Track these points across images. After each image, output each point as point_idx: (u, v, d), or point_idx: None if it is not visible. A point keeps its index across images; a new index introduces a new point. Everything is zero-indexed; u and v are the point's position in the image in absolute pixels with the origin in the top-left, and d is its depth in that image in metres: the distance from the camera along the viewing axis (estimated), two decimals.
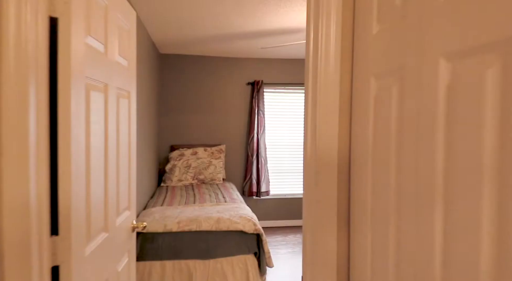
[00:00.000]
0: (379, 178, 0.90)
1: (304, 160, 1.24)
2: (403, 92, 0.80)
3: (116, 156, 1.44)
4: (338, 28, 1.12)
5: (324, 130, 1.11)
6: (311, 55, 1.20)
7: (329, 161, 1.10)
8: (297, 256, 3.89)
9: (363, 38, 1.02)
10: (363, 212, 0.99)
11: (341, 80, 1.11)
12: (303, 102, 4.90)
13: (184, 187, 3.98)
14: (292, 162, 4.97)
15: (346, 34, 1.13)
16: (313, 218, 1.16)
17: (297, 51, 4.37)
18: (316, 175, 1.13)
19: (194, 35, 3.68)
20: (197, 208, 2.94)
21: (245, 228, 2.63)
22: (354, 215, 1.06)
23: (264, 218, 4.85)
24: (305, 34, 1.28)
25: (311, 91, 1.17)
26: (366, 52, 0.99)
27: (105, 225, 1.35)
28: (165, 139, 4.58)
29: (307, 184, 1.21)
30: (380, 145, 0.89)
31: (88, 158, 1.15)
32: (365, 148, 0.97)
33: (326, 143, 1.11)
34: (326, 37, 1.13)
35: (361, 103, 1.01)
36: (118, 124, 1.45)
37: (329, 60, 1.12)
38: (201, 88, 4.64)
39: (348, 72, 1.11)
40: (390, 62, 0.85)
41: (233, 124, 4.74)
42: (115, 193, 1.44)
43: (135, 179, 1.78)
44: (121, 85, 1.50)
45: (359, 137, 1.02)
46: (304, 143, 1.24)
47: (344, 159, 1.10)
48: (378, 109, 0.91)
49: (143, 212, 2.87)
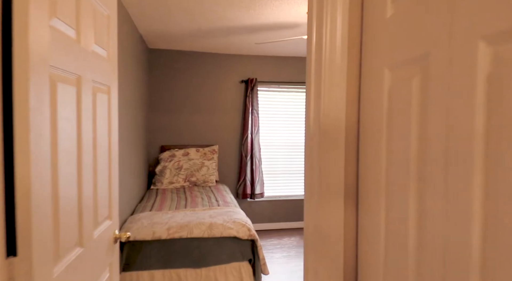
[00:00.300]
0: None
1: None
2: (426, 84, 0.64)
3: (93, 159, 1.26)
4: (345, 11, 0.96)
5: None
6: (313, 45, 1.04)
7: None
8: (293, 260, 3.73)
9: (374, 22, 0.86)
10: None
11: (348, 72, 0.95)
12: (298, 101, 4.75)
13: (175, 190, 3.79)
14: (287, 163, 4.82)
15: (354, 18, 0.97)
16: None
17: (293, 48, 4.21)
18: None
19: (185, 29, 3.50)
20: (189, 213, 2.76)
21: (239, 234, 2.47)
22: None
23: (258, 220, 4.69)
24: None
25: (314, 88, 1.01)
26: (378, 39, 0.83)
27: (79, 239, 1.17)
28: (154, 139, 4.38)
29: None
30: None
31: (55, 162, 0.98)
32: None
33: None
34: (331, 23, 0.97)
35: (372, 97, 0.85)
36: (95, 122, 1.28)
37: (335, 50, 0.96)
38: (193, 85, 4.46)
39: (356, 64, 0.95)
40: (409, 50, 0.70)
41: (226, 124, 4.56)
42: (92, 201, 1.27)
43: (117, 184, 1.60)
44: (99, 78, 1.32)
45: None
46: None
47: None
48: (394, 104, 0.75)
49: (131, 218, 2.68)
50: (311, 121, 1.00)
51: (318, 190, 0.98)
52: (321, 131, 0.93)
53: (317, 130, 0.96)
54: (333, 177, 0.94)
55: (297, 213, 4.82)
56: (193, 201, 3.26)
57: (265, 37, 3.63)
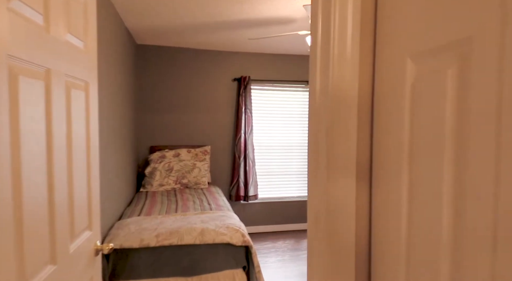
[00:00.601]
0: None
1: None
2: (467, 77, 0.52)
3: (67, 163, 1.12)
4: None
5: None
6: (319, 33, 0.91)
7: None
8: (288, 264, 3.61)
9: (392, 1, 0.73)
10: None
11: (360, 65, 0.82)
12: (292, 100, 4.63)
13: (166, 193, 3.64)
14: (281, 163, 4.70)
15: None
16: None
17: (288, 45, 4.09)
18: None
19: (175, 24, 3.35)
20: (179, 217, 2.61)
21: (233, 240, 2.33)
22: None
23: (252, 223, 4.56)
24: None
25: (320, 88, 0.87)
26: (398, 23, 0.70)
27: (51, 255, 1.03)
28: (144, 140, 4.21)
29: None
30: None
31: (17, 168, 0.83)
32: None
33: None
34: (340, 4, 0.84)
35: (390, 94, 0.73)
36: (70, 121, 1.13)
37: (345, 38, 0.82)
38: (184, 83, 4.30)
39: (369, 56, 0.81)
40: (440, 35, 0.57)
41: (218, 123, 4.42)
42: (67, 211, 1.12)
43: (98, 190, 1.45)
44: (75, 72, 1.17)
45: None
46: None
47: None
48: (420, 101, 0.63)
49: (118, 224, 2.53)
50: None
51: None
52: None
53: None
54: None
55: (292, 215, 4.70)
56: (184, 204, 3.11)
57: (259, 33, 3.50)
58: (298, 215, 4.72)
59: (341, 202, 0.79)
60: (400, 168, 0.68)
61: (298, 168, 4.75)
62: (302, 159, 4.74)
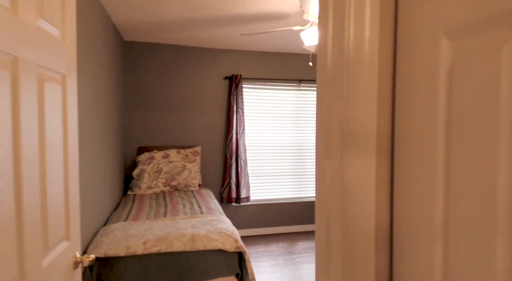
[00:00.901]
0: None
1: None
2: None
3: (39, 166, 0.98)
4: None
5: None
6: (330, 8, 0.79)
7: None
8: (281, 269, 3.50)
9: None
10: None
11: (380, 48, 0.70)
12: (285, 99, 4.54)
13: (154, 196, 3.49)
14: (274, 164, 4.59)
15: None
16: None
17: (280, 43, 3.98)
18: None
19: (164, 19, 3.21)
20: (168, 222, 2.47)
21: (225, 246, 2.21)
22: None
23: (244, 226, 4.44)
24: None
25: (332, 70, 0.76)
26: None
27: (19, 273, 0.89)
28: (131, 140, 4.05)
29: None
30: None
31: None
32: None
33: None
34: None
35: (418, 82, 0.62)
36: (43, 118, 0.99)
37: (363, 14, 0.70)
38: (173, 82, 4.16)
39: (388, 38, 0.68)
40: (488, 5, 0.46)
41: (209, 123, 4.28)
42: (38, 220, 0.98)
43: (78, 194, 1.31)
44: (49, 63, 1.04)
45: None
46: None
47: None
48: (460, 86, 0.52)
49: (103, 230, 2.38)
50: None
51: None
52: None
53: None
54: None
55: (285, 217, 4.60)
56: (173, 208, 2.97)
57: (251, 29, 3.39)
58: (291, 217, 4.62)
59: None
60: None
61: (291, 168, 4.65)
62: (295, 159, 4.64)
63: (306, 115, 4.63)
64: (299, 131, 4.63)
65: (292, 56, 4.50)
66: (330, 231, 0.73)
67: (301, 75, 4.54)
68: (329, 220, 0.73)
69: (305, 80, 4.53)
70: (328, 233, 0.74)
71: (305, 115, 4.62)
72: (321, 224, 0.78)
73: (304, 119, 4.63)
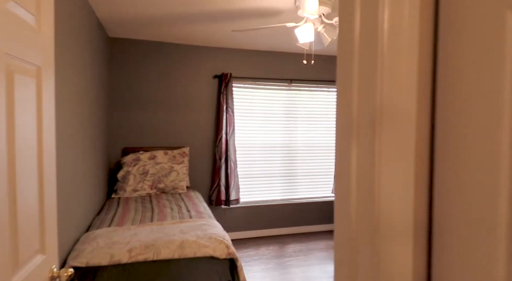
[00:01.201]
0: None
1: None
2: None
3: (7, 169, 0.85)
4: None
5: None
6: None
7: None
8: (273, 273, 3.40)
9: None
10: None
11: (420, 29, 0.57)
12: (276, 99, 4.45)
13: (140, 199, 3.33)
14: (265, 165, 4.49)
15: None
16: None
17: (271, 41, 3.89)
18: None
19: (151, 14, 3.07)
20: (155, 228, 2.34)
21: (216, 253, 2.09)
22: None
23: (233, 229, 4.32)
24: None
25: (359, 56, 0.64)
26: None
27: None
28: (116, 141, 3.88)
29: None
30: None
31: None
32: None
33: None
34: None
35: (472, 67, 0.52)
36: (12, 114, 0.86)
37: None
38: (161, 80, 4.01)
39: (429, 16, 0.55)
40: None
41: (198, 123, 4.15)
42: (7, 233, 0.85)
43: (55, 200, 1.18)
44: (21, 54, 0.91)
45: None
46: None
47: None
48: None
49: (85, 236, 2.22)
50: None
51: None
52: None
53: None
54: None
55: (275, 219, 4.50)
56: (161, 212, 2.83)
57: (243, 26, 3.28)
58: (282, 219, 4.52)
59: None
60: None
61: (282, 170, 4.56)
62: (285, 160, 4.55)
63: (297, 115, 4.55)
64: (290, 131, 4.54)
65: (283, 55, 4.42)
66: (356, 230, 0.63)
67: (292, 75, 4.46)
68: (355, 217, 0.63)
69: (296, 79, 4.45)
70: (353, 233, 0.64)
71: (296, 115, 4.54)
72: (343, 223, 0.68)
73: (295, 119, 4.54)
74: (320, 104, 4.65)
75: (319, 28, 2.41)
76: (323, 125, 4.68)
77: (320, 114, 4.65)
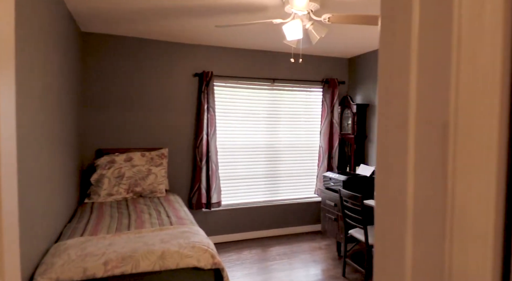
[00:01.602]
0: None
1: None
2: None
3: None
4: None
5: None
6: None
7: None
8: (255, 278, 3.29)
9: None
10: None
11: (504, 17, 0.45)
12: (258, 99, 4.34)
13: (116, 204, 3.13)
14: (247, 166, 4.37)
15: None
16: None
17: (255, 39, 3.76)
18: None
19: (128, 8, 2.87)
20: (133, 236, 2.17)
21: (200, 263, 1.95)
22: None
23: (214, 233, 4.17)
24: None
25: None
26: None
27: None
28: (89, 142, 3.64)
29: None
30: None
31: None
32: None
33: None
34: None
35: None
36: None
37: None
38: (137, 78, 3.80)
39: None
40: None
41: (177, 123, 3.97)
42: None
43: (16, 212, 1.01)
44: None
45: None
46: None
47: None
48: None
49: (54, 248, 2.02)
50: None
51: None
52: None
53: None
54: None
55: (258, 221, 4.39)
56: (138, 218, 2.65)
57: (226, 22, 3.13)
58: (264, 221, 4.42)
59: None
60: None
61: (265, 171, 4.45)
62: (268, 161, 4.45)
63: (279, 115, 4.46)
64: (273, 131, 4.44)
65: (266, 54, 4.31)
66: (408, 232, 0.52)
67: (274, 74, 4.36)
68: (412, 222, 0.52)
69: (279, 79, 4.36)
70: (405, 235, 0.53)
71: (278, 115, 4.45)
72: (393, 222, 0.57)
73: (277, 120, 4.45)
74: (302, 104, 4.59)
75: (307, 25, 2.31)
76: (305, 126, 4.62)
77: (302, 114, 4.59)
